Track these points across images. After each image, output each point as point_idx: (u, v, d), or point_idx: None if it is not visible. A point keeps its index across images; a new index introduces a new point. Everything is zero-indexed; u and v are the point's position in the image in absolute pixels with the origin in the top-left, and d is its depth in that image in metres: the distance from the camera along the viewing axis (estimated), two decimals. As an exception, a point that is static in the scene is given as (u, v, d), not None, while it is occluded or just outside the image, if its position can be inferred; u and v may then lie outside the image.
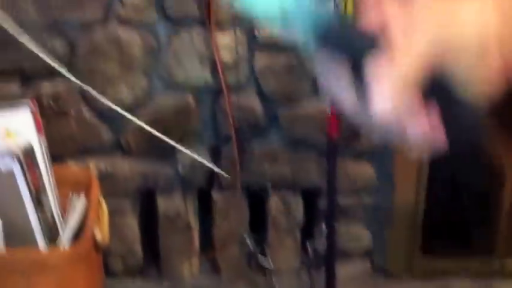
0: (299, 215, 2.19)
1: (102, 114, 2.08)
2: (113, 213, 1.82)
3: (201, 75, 1.99)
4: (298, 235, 2.21)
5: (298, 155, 2.10)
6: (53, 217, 1.62)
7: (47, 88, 2.03)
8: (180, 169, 2.11)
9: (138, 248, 2.21)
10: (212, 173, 2.12)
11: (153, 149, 2.10)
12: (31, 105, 1.62)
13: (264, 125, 2.06)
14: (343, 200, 2.10)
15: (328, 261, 1.97)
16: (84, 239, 1.57)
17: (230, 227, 2.19)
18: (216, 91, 2.02)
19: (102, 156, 2.13)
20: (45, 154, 1.66)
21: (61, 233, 1.62)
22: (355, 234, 2.21)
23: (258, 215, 2.20)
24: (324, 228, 2.01)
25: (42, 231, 1.57)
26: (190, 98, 2.04)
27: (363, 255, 2.25)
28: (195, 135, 2.08)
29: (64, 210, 1.67)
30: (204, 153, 2.08)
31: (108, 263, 2.16)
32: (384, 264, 2.24)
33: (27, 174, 1.54)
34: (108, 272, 2.12)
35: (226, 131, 2.06)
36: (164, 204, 2.17)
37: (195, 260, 2.23)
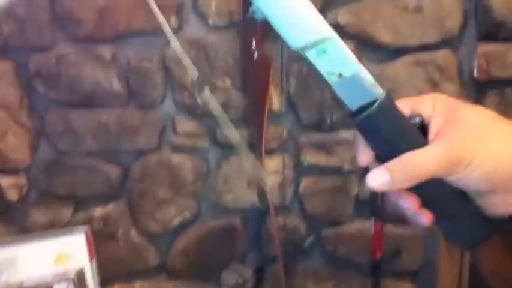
0: (342, 336, 2.27)
1: (149, 236, 2.20)
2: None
3: (248, 197, 2.14)
4: None
5: (342, 275, 2.20)
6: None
7: (98, 212, 2.17)
8: (225, 290, 2.21)
9: None
10: (256, 293, 2.22)
11: (198, 270, 2.21)
12: (87, 231, 1.75)
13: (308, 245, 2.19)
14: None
15: None
16: None
17: None
18: (261, 212, 2.16)
19: (147, 278, 2.24)
20: (95, 278, 1.78)
21: None
22: None
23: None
24: None
25: None
26: (236, 219, 2.17)
27: None
28: (240, 255, 2.20)
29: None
30: (249, 274, 2.19)
31: None
32: None
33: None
34: None
35: (270, 252, 2.18)
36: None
37: None
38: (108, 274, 2.09)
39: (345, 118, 2.01)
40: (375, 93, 0.64)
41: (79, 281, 1.69)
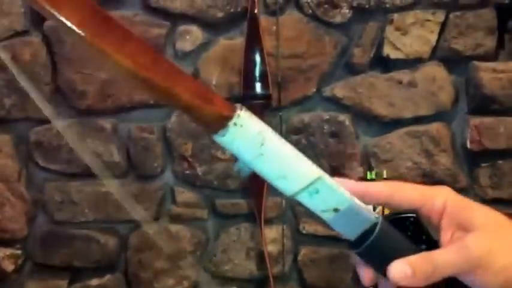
0: None
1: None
2: None
3: (247, 267, 2.21)
4: None
5: None
6: None
7: (94, 283, 2.22)
8: None
9: None
10: None
11: None
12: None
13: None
14: None
15: None
16: None
17: None
18: (260, 281, 2.23)
19: None
20: None
21: None
22: None
23: None
24: None
25: None
26: (234, 289, 2.24)
27: None
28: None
29: None
30: None
31: None
32: None
33: None
34: None
35: (268, 321, 2.25)
36: None
37: None
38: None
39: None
40: (370, 218, 0.64)
41: None
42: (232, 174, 2.12)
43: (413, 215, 0.66)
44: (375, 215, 0.65)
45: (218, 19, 2.06)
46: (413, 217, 0.66)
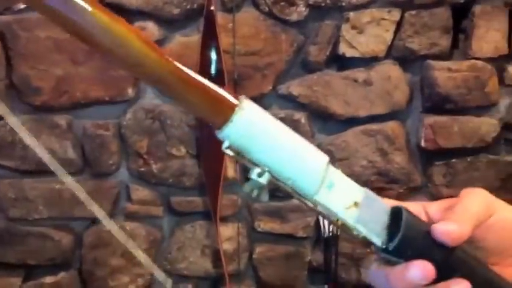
0: None
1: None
2: None
3: (202, 264, 2.26)
4: None
5: None
6: None
7: (48, 280, 2.26)
8: None
9: None
10: None
11: None
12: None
13: (261, 312, 2.32)
14: None
15: None
16: None
17: None
18: (215, 279, 2.28)
19: None
20: None
21: None
22: None
23: None
24: None
25: None
26: (190, 287, 2.29)
27: None
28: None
29: None
30: None
31: None
32: None
33: None
34: None
35: (224, 319, 2.30)
36: None
37: None
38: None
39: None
40: (385, 205, 0.61)
41: None
42: (188, 172, 2.17)
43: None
44: (383, 201, 0.61)
45: (174, 16, 2.11)
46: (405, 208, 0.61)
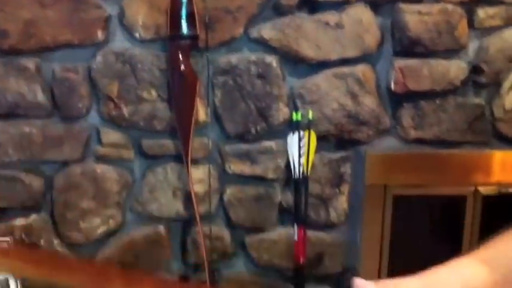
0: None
1: (73, 246, 2.37)
2: None
3: (174, 206, 2.34)
4: None
5: (265, 281, 2.44)
6: None
7: (19, 222, 2.32)
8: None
9: None
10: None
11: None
12: (9, 242, 1.91)
13: (232, 252, 2.41)
14: None
15: None
16: None
17: None
18: (186, 221, 2.36)
19: None
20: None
21: None
22: None
23: None
24: None
25: None
26: (161, 228, 2.37)
27: None
28: (165, 264, 2.40)
29: None
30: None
31: None
32: None
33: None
34: None
35: (195, 260, 2.39)
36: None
37: None
38: (32, 285, 2.24)
39: (269, 128, 2.24)
40: None
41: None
42: (159, 115, 2.22)
43: None
44: None
45: (144, -43, 2.12)
46: None
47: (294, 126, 2.23)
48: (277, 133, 2.28)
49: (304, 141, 2.21)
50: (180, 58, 2.13)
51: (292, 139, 2.23)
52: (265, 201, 2.35)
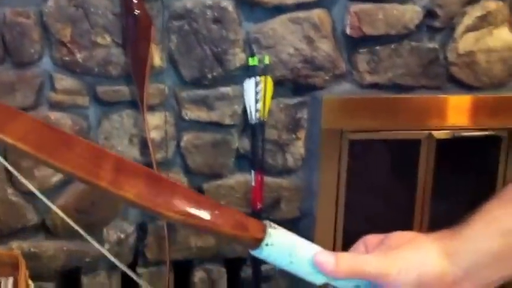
0: (223, 285, 2.56)
1: (27, 195, 2.38)
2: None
3: (130, 153, 2.36)
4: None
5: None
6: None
7: (-28, 171, 2.32)
8: (106, 247, 2.43)
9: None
10: (137, 249, 2.46)
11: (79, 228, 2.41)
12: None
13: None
14: (266, 267, 2.51)
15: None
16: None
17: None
18: (143, 168, 2.39)
19: (25, 238, 2.42)
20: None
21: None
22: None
23: (183, 288, 2.55)
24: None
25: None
26: (118, 176, 2.39)
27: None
28: (122, 212, 2.43)
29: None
30: (131, 230, 2.43)
31: None
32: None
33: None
34: None
35: (152, 207, 2.42)
36: (89, 283, 2.48)
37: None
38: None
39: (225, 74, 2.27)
40: None
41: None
42: (114, 61, 2.23)
43: None
44: None
45: None
46: None
47: (250, 71, 2.26)
48: (233, 78, 2.31)
49: (261, 86, 2.25)
50: (134, 1, 2.13)
51: (249, 84, 2.27)
52: (222, 147, 2.39)
